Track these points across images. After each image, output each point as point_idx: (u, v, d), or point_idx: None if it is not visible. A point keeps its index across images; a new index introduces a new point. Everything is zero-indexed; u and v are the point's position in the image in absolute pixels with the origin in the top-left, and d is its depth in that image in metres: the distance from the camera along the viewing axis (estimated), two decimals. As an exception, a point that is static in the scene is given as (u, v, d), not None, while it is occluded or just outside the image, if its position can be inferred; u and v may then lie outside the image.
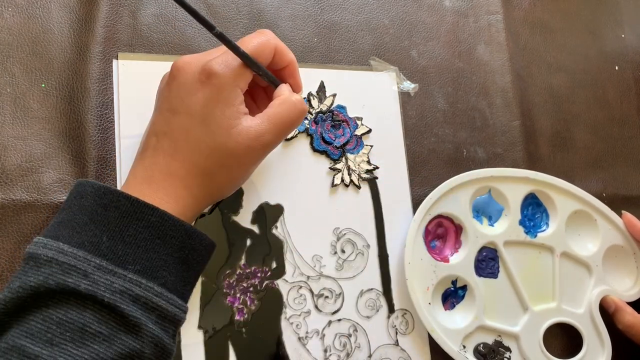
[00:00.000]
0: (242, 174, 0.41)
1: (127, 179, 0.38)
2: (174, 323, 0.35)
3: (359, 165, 0.50)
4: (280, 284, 0.45)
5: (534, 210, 0.53)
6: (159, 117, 0.39)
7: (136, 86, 0.45)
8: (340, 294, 0.47)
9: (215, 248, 0.39)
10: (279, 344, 0.44)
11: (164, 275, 0.35)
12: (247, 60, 0.38)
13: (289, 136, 0.48)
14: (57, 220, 0.35)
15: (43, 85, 0.43)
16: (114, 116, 0.44)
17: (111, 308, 0.32)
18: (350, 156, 0.50)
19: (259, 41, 0.39)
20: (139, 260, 0.34)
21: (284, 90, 0.41)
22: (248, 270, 0.45)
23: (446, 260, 0.50)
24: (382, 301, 0.48)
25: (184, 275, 0.36)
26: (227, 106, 0.37)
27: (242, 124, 0.38)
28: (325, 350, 0.45)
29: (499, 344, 0.49)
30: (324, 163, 0.49)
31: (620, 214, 0.54)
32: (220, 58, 0.38)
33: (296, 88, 0.43)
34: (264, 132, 0.38)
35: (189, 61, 0.38)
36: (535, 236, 0.52)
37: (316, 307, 0.46)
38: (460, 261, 0.49)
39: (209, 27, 0.37)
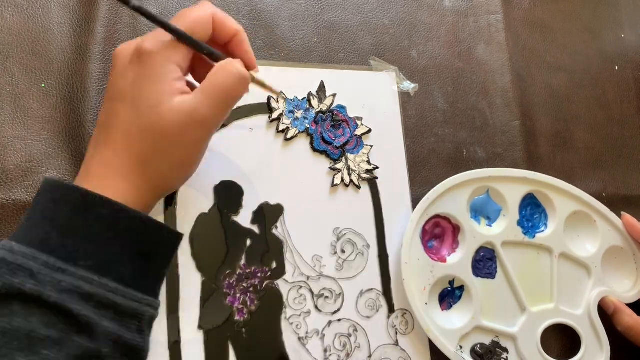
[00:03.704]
0: (183, 158, 0.37)
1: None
2: (136, 317, 0.33)
3: (359, 165, 0.50)
4: (280, 284, 0.46)
5: (532, 211, 0.53)
6: (101, 109, 0.37)
7: (136, 86, 0.45)
8: (340, 294, 0.47)
9: (182, 238, 0.37)
10: (279, 344, 0.44)
11: (119, 270, 0.33)
12: (180, 36, 0.36)
13: (289, 136, 0.48)
14: (21, 221, 0.34)
15: (43, 85, 0.43)
16: (114, 116, 0.44)
17: (59, 309, 0.31)
18: (350, 156, 0.50)
19: (194, 15, 0.36)
20: (90, 255, 0.32)
21: (223, 61, 0.37)
22: (248, 271, 0.45)
23: (443, 260, 0.50)
24: (382, 301, 0.48)
25: (144, 268, 0.35)
26: (157, 82, 0.35)
27: (173, 101, 0.35)
28: (325, 351, 0.46)
29: (496, 344, 0.49)
30: (324, 163, 0.49)
31: (620, 214, 0.54)
32: (151, 35, 0.36)
33: (248, 63, 0.39)
34: (197, 105, 0.35)
35: (124, 46, 0.37)
36: (534, 237, 0.52)
37: (316, 307, 0.46)
38: (458, 261, 0.49)
39: (124, 1, 0.34)
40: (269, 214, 0.47)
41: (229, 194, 0.46)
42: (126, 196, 0.35)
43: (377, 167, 0.50)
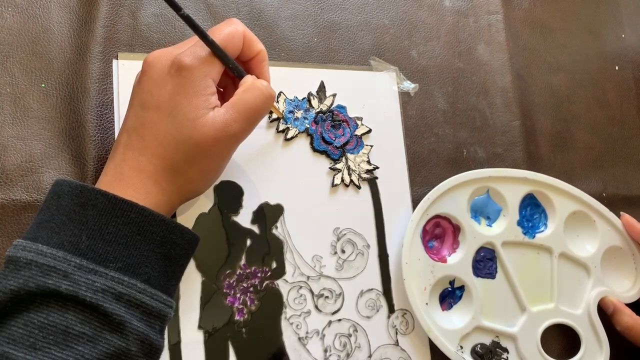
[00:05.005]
0: (212, 167, 0.40)
1: (99, 178, 0.38)
2: (160, 319, 0.35)
3: (359, 165, 0.50)
4: (280, 284, 0.46)
5: (532, 211, 0.53)
6: (131, 114, 0.38)
7: (136, 86, 0.45)
8: (340, 294, 0.47)
9: (199, 241, 0.39)
10: (279, 344, 0.44)
11: (146, 272, 0.34)
12: (214, 49, 0.38)
13: (289, 136, 0.48)
14: (36, 221, 0.35)
15: (43, 85, 0.43)
16: (114, 116, 0.44)
17: (93, 308, 0.32)
18: (350, 156, 0.50)
19: (228, 30, 0.39)
20: (120, 257, 0.34)
21: (248, 78, 0.40)
22: (248, 271, 0.45)
23: (444, 260, 0.50)
24: (382, 301, 0.48)
25: (167, 270, 0.36)
26: (195, 97, 0.37)
27: (208, 115, 0.37)
28: (325, 351, 0.46)
29: (496, 344, 0.49)
30: (324, 163, 0.49)
31: (619, 215, 0.54)
32: (189, 50, 0.37)
33: (263, 79, 0.42)
34: (230, 121, 0.37)
35: (158, 55, 0.38)
36: (534, 237, 0.52)
37: (316, 307, 0.46)
38: (458, 261, 0.49)
39: (176, 8, 0.36)
40: (269, 214, 0.47)
41: (229, 194, 0.46)
42: (157, 200, 0.37)
43: (377, 167, 0.50)
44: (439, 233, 0.51)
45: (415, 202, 0.50)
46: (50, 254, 0.32)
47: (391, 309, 0.48)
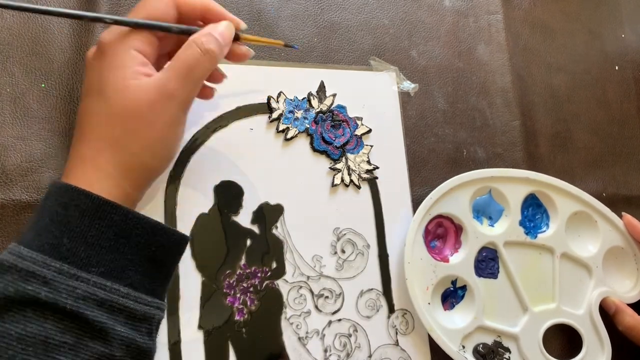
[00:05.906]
0: (155, 135, 0.36)
1: None
2: (147, 321, 0.34)
3: (359, 165, 0.50)
4: (280, 284, 0.45)
5: (534, 211, 0.53)
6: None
7: (136, 86, 0.45)
8: (340, 294, 0.47)
9: (188, 241, 0.38)
10: (279, 344, 0.44)
11: (129, 275, 0.34)
12: (142, 26, 0.36)
13: (289, 136, 0.48)
14: (27, 224, 0.34)
15: (43, 85, 0.43)
16: (113, 116, 0.44)
17: (74, 315, 0.31)
18: (350, 156, 0.50)
19: (154, 2, 0.37)
20: (102, 262, 0.33)
21: (195, 34, 0.38)
22: (248, 271, 0.45)
23: (446, 260, 0.50)
24: (382, 301, 0.48)
25: (153, 272, 0.35)
26: (120, 69, 0.35)
27: (141, 81, 0.35)
28: (325, 351, 0.45)
29: (498, 344, 0.49)
30: (324, 163, 0.49)
31: (620, 214, 0.54)
32: (110, 28, 0.37)
33: (232, 22, 0.40)
34: (165, 81, 0.36)
35: (92, 47, 0.38)
36: (536, 237, 0.52)
37: (316, 307, 0.46)
38: (460, 261, 0.49)
39: (97, 20, 0.37)
40: (269, 214, 0.46)
41: (229, 194, 0.46)
42: (101, 186, 0.34)
43: (377, 167, 0.50)
44: (441, 233, 0.51)
45: (415, 202, 0.50)
46: (30, 258, 0.31)
47: (391, 309, 0.48)
